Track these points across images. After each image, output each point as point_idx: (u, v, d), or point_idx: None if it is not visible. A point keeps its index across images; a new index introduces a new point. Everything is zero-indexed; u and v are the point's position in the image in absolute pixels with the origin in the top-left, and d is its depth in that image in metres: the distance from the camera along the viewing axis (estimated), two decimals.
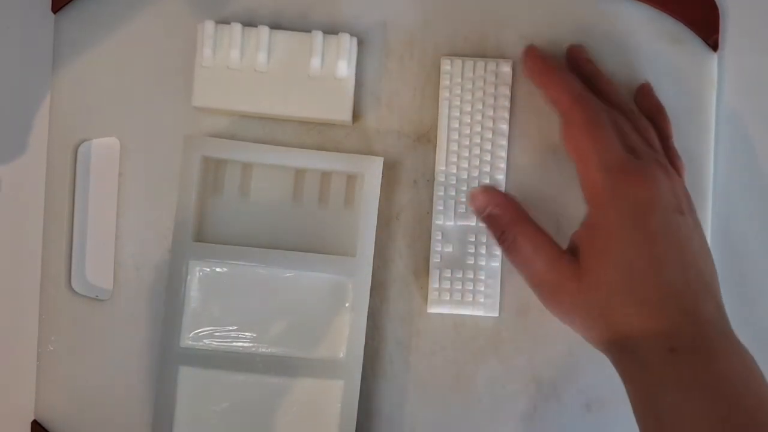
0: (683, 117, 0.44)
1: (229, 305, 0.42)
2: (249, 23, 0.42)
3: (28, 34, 0.45)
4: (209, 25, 0.41)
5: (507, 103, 0.43)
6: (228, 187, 0.43)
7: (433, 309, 0.43)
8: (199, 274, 0.42)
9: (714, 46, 0.44)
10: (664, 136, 0.41)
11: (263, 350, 0.42)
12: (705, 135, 0.44)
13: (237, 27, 0.41)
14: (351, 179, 0.43)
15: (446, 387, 0.43)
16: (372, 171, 0.42)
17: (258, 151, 0.43)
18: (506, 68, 0.43)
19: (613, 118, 0.38)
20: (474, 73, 0.43)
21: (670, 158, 0.40)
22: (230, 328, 0.42)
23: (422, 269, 0.43)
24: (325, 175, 0.43)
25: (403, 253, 0.44)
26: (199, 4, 0.44)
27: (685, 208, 0.37)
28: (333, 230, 0.43)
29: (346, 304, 0.42)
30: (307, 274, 0.42)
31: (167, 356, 0.42)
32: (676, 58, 0.44)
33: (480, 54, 0.44)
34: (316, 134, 0.44)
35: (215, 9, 0.44)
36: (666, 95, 0.44)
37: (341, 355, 0.42)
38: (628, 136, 0.38)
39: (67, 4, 0.44)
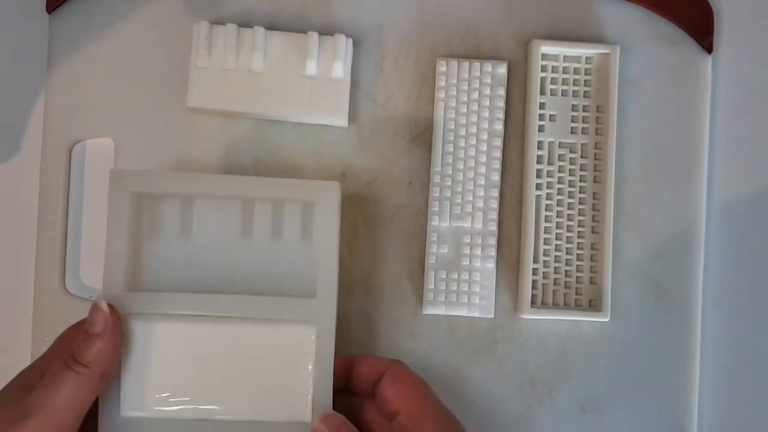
0: (678, 118, 0.44)
1: (173, 366, 0.36)
2: (244, 24, 0.42)
3: (22, 34, 0.45)
4: (204, 26, 0.41)
5: (502, 104, 0.43)
6: (166, 226, 0.38)
7: (428, 310, 0.43)
8: (136, 330, 0.36)
9: (708, 48, 0.45)
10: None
11: (216, 417, 0.36)
12: (699, 136, 0.44)
13: (232, 28, 0.41)
14: (307, 207, 0.39)
15: (441, 388, 0.43)
16: (328, 198, 0.38)
17: (197, 182, 0.38)
18: (501, 69, 0.43)
19: None
20: (469, 74, 0.43)
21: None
22: (177, 392, 0.36)
23: (417, 270, 0.43)
24: (277, 205, 0.39)
25: (398, 254, 0.44)
26: (194, 4, 0.44)
27: None
28: (289, 268, 0.38)
29: (309, 355, 0.36)
30: (261, 326, 0.36)
31: (107, 428, 0.36)
32: (671, 60, 0.44)
33: (475, 55, 0.44)
34: (311, 136, 0.44)
35: (210, 9, 0.44)
36: (661, 97, 0.44)
37: (306, 419, 0.36)
38: None
39: (61, 4, 0.44)
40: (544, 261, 0.43)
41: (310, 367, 0.36)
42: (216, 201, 0.38)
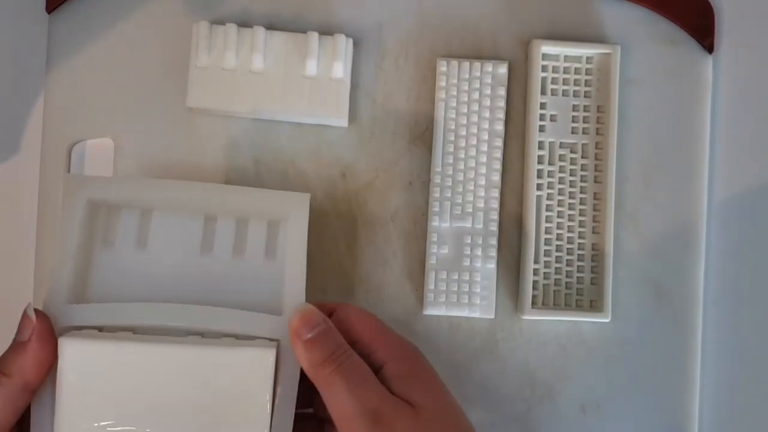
0: (678, 119, 0.44)
1: (116, 390, 0.32)
2: (244, 24, 0.42)
3: (22, 34, 0.44)
4: (204, 26, 0.41)
5: (502, 104, 0.43)
6: (121, 237, 0.36)
7: (428, 311, 0.43)
8: (75, 346, 0.32)
9: (709, 48, 0.44)
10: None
11: None
12: (700, 137, 0.44)
13: (232, 27, 0.41)
14: (273, 224, 0.37)
15: None
16: (298, 210, 0.36)
17: (157, 190, 0.36)
18: (502, 69, 0.43)
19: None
20: (470, 74, 0.43)
21: None
22: (120, 421, 0.32)
23: (418, 271, 0.43)
24: (242, 220, 0.37)
25: (398, 254, 0.43)
26: (193, 4, 0.44)
27: None
28: (252, 286, 0.36)
29: (268, 381, 0.33)
30: (217, 348, 0.33)
31: None
32: (671, 60, 0.44)
33: (475, 55, 0.44)
34: (311, 136, 0.44)
35: (210, 9, 0.44)
36: (661, 97, 0.44)
37: None
38: None
39: (61, 4, 0.43)
40: (544, 261, 0.43)
41: (268, 395, 0.32)
42: (176, 213, 0.36)
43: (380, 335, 0.35)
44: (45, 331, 0.32)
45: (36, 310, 0.32)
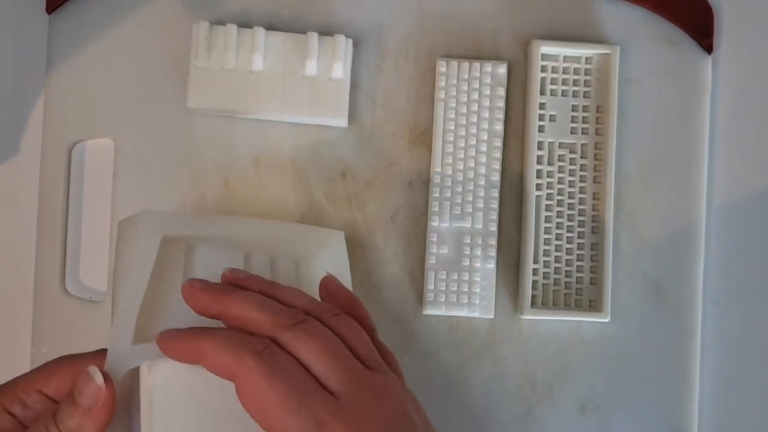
0: (678, 119, 0.44)
1: (205, 414, 0.31)
2: (244, 24, 0.42)
3: (22, 34, 0.44)
4: (204, 26, 0.41)
5: (502, 105, 0.43)
6: (171, 273, 0.35)
7: (428, 311, 0.43)
8: (161, 373, 0.31)
9: (708, 48, 0.45)
10: (369, 329, 0.34)
11: None
12: (699, 137, 0.44)
13: (232, 28, 0.41)
14: (299, 262, 0.37)
15: (441, 388, 0.43)
16: (333, 247, 0.36)
17: (210, 225, 0.36)
18: (501, 70, 0.43)
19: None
20: (469, 74, 0.43)
21: (382, 355, 0.33)
22: None
23: (417, 271, 0.43)
24: (274, 258, 0.37)
25: (398, 254, 0.43)
26: (193, 4, 0.44)
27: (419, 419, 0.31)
28: None
29: None
30: None
31: None
32: (671, 60, 0.44)
33: (475, 56, 0.44)
34: (311, 136, 0.44)
35: (210, 10, 0.44)
36: (660, 97, 0.44)
37: None
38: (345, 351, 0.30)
39: (61, 4, 0.43)
40: (544, 261, 0.43)
41: None
42: (218, 248, 0.36)
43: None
44: (111, 398, 0.30)
45: (104, 374, 0.30)
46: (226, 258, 0.36)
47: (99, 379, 0.30)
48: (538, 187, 0.43)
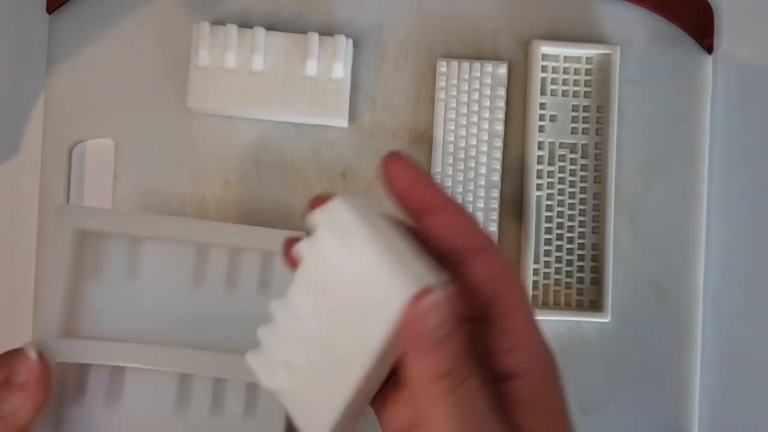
0: (678, 118, 0.44)
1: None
2: (244, 24, 0.42)
3: (22, 34, 0.44)
4: (204, 26, 0.41)
5: (502, 105, 0.43)
6: (110, 268, 0.35)
7: None
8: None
9: (709, 48, 0.45)
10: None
11: None
12: (700, 137, 0.44)
13: (232, 28, 0.41)
14: (267, 256, 0.36)
15: None
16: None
17: (149, 224, 0.35)
18: (502, 70, 0.43)
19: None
20: (469, 74, 0.43)
21: None
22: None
23: None
24: (235, 251, 0.36)
25: None
26: (194, 5, 0.44)
27: None
28: (245, 321, 0.32)
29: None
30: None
31: None
32: (671, 60, 0.44)
33: (475, 56, 0.44)
34: (311, 136, 0.44)
35: (210, 10, 0.44)
36: (660, 97, 0.44)
37: None
38: None
39: (62, 4, 0.43)
40: (544, 261, 0.43)
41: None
42: (167, 244, 0.36)
43: (526, 325, 0.26)
44: (45, 374, 0.31)
45: (38, 351, 0.31)
46: (176, 251, 0.36)
47: (33, 355, 0.31)
48: (539, 187, 0.43)
